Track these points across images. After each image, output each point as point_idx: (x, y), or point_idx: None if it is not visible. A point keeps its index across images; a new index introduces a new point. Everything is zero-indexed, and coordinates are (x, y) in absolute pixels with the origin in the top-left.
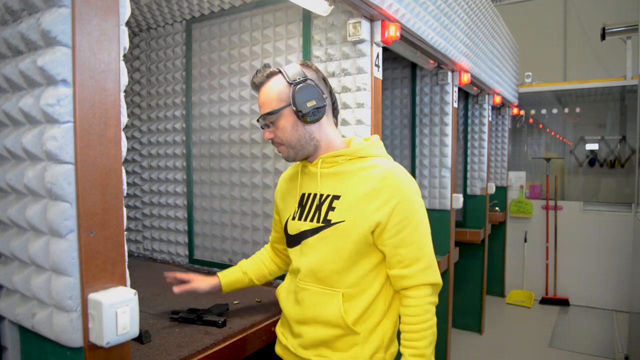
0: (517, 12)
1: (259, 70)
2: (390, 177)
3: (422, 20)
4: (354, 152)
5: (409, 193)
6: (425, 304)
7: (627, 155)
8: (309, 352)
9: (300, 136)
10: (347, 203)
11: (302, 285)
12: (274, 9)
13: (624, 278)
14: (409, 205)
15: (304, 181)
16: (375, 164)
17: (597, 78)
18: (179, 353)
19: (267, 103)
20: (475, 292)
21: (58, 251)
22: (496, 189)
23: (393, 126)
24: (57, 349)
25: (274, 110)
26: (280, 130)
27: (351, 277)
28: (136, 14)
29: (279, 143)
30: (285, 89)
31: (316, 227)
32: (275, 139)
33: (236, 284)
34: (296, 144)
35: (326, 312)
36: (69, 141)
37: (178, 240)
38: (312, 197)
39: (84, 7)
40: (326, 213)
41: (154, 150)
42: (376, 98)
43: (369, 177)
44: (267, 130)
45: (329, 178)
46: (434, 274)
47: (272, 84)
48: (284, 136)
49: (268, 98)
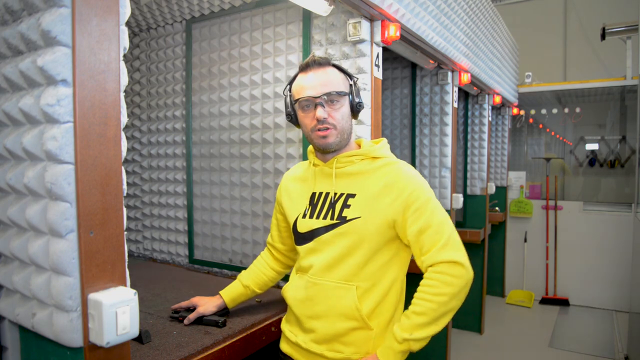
0: (517, 12)
1: (314, 55)
2: (402, 173)
3: (422, 20)
4: (367, 152)
5: (420, 184)
6: (440, 277)
7: (627, 155)
8: (322, 347)
9: (349, 127)
10: (363, 200)
11: (314, 280)
12: (274, 9)
13: (624, 278)
14: (422, 194)
15: (317, 180)
16: (386, 162)
17: (597, 78)
18: (179, 353)
19: (334, 83)
20: (475, 292)
21: (58, 251)
22: (496, 189)
23: (393, 126)
24: (57, 349)
25: (344, 92)
26: (340, 113)
27: (366, 271)
28: (136, 14)
29: (332, 125)
30: (345, 81)
31: (330, 224)
32: (329, 119)
33: (240, 298)
34: (346, 131)
35: (340, 304)
36: (69, 141)
37: (178, 240)
38: (324, 196)
39: (84, 7)
40: (341, 210)
41: (154, 150)
42: (376, 98)
43: (382, 175)
44: (322, 109)
45: (343, 177)
46: (453, 253)
47: (334, 71)
48: (341, 120)
49: (336, 79)
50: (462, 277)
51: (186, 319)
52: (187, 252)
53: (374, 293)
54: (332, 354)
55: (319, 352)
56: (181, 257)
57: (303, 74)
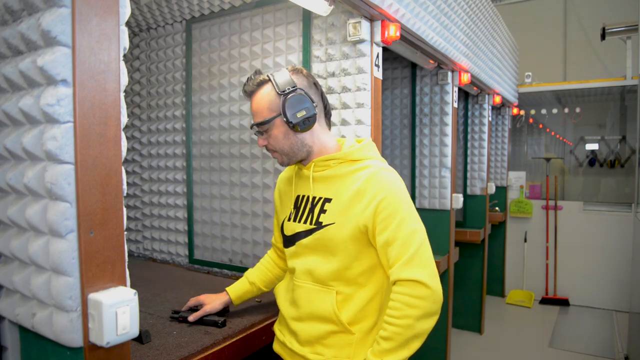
0: (517, 12)
1: (250, 77)
2: (376, 177)
3: (422, 20)
4: (344, 155)
5: (393, 190)
6: (402, 299)
7: (627, 155)
8: (305, 349)
9: (293, 144)
10: (338, 205)
11: (297, 283)
12: (274, 9)
13: (624, 278)
14: (393, 202)
15: (299, 183)
16: (365, 166)
17: (597, 78)
18: (179, 353)
19: (259, 112)
20: (475, 292)
21: (58, 251)
22: (496, 189)
23: (393, 126)
24: (57, 349)
25: (265, 120)
26: (273, 138)
27: (346, 276)
28: (136, 14)
29: (272, 150)
30: (275, 99)
31: (309, 229)
32: (268, 146)
33: (246, 295)
34: (289, 151)
35: (320, 308)
36: (69, 141)
37: (178, 240)
38: (305, 199)
39: (84, 7)
40: (318, 215)
41: (154, 150)
42: (376, 98)
43: (356, 180)
44: (261, 138)
45: (321, 181)
46: (417, 271)
47: (262, 93)
48: (276, 144)
49: (259, 107)
50: (425, 299)
51: (192, 316)
52: (187, 252)
53: (356, 299)
54: (313, 356)
55: (302, 354)
56: (181, 257)
57: None
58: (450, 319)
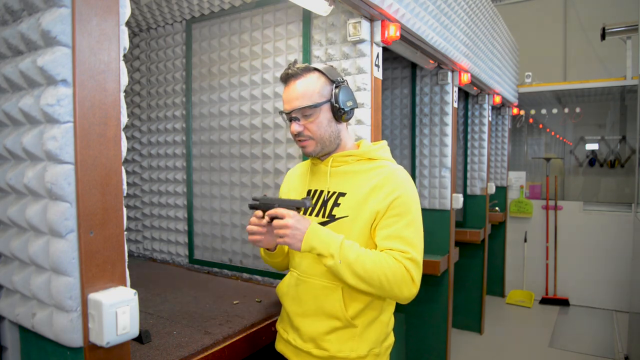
0: (517, 12)
1: (292, 64)
2: (395, 174)
3: (422, 20)
4: (364, 153)
5: (409, 192)
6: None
7: (627, 155)
8: (309, 345)
9: (332, 133)
10: (352, 199)
11: (303, 278)
12: (274, 9)
13: (624, 278)
14: (407, 201)
15: (313, 179)
16: (382, 165)
17: (597, 78)
18: (179, 353)
19: (307, 96)
20: (475, 292)
21: (58, 251)
22: (496, 189)
23: (393, 126)
24: (57, 349)
25: (315, 104)
26: (316, 124)
27: None
28: (136, 14)
29: (308, 137)
30: (326, 86)
31: (321, 221)
32: (304, 132)
33: None
34: (327, 139)
35: (327, 304)
36: (69, 141)
37: (178, 240)
38: (318, 193)
39: (84, 7)
40: (331, 209)
41: (154, 151)
42: (376, 98)
43: (374, 176)
44: (297, 124)
45: (337, 176)
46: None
47: (311, 78)
48: (318, 131)
49: (309, 91)
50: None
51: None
52: (187, 252)
53: (362, 295)
54: (317, 351)
55: (307, 350)
56: (181, 257)
57: (284, 86)
58: (450, 319)
